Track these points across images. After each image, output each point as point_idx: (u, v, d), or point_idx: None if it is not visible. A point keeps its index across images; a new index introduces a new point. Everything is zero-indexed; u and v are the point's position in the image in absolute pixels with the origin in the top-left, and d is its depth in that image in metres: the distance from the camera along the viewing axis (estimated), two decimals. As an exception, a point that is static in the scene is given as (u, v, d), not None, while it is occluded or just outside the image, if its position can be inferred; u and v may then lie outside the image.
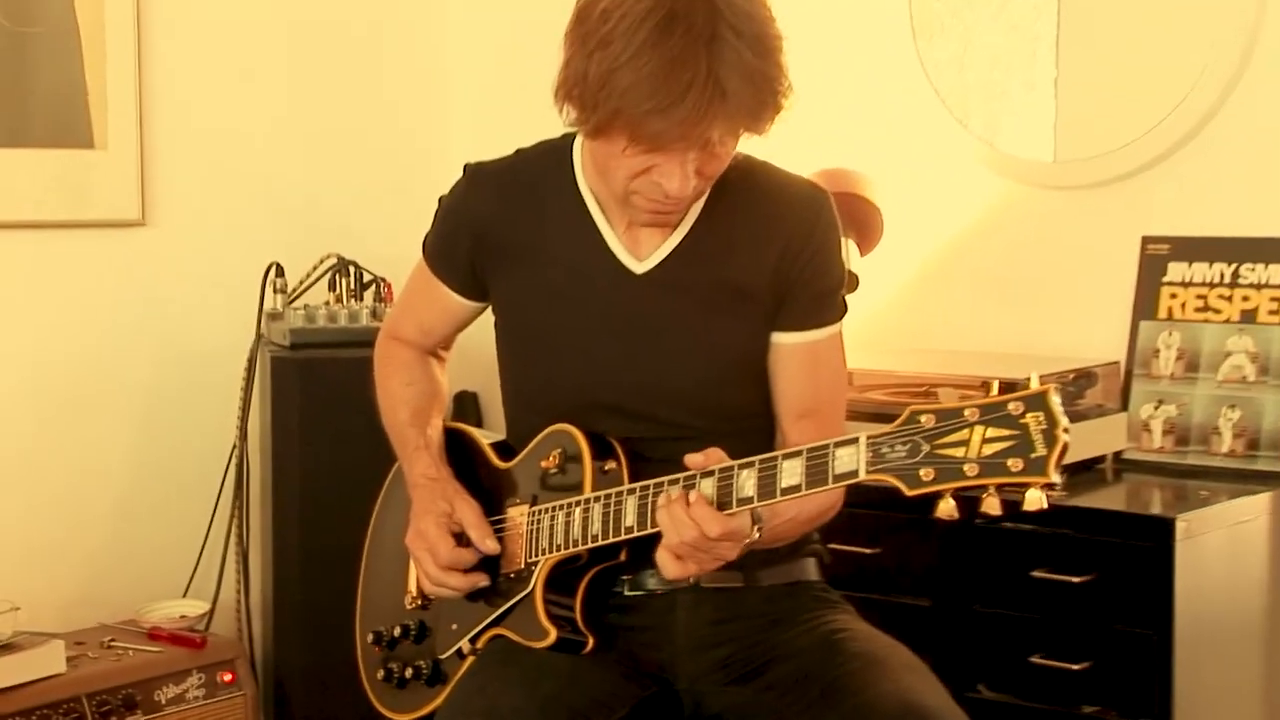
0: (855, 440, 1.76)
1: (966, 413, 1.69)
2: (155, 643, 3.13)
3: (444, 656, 2.19)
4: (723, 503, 1.86)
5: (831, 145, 3.24)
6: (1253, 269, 2.92)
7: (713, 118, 1.90)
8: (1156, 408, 2.97)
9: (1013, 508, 1.69)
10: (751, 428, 2.17)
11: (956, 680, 2.64)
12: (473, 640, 2.15)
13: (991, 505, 1.69)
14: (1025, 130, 3.20)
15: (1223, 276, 2.95)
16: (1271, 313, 2.89)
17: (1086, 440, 2.84)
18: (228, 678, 3.12)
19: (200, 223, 3.46)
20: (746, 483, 1.85)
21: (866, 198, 3.11)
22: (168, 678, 3.03)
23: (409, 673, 2.23)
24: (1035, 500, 1.66)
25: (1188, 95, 2.94)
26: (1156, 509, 2.75)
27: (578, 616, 2.07)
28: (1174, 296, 2.99)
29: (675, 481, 1.91)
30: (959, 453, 1.69)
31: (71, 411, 3.29)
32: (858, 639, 2.10)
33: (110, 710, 2.92)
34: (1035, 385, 1.67)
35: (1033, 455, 1.65)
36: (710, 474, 1.88)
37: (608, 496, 2.00)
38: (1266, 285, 2.90)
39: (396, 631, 2.26)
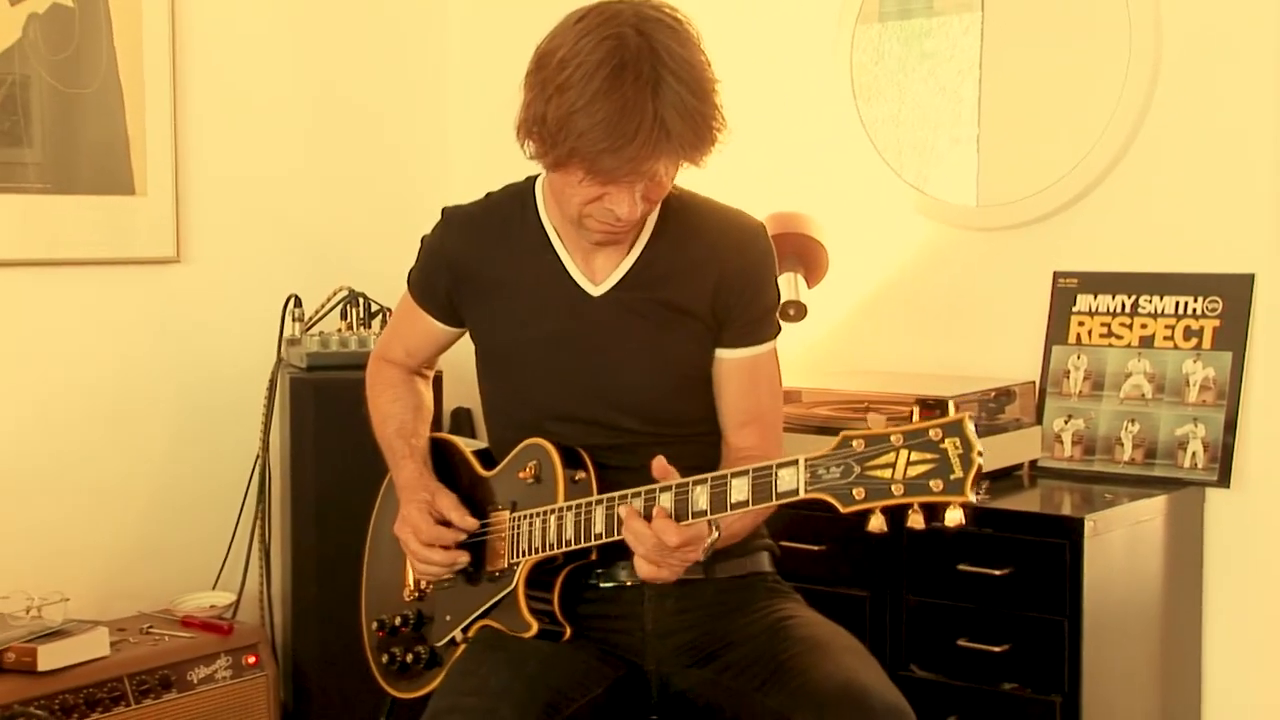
0: (795, 462, 1.76)
1: (893, 438, 1.69)
2: (188, 629, 3.10)
3: (440, 644, 2.19)
4: (679, 514, 1.87)
5: (784, 191, 3.24)
6: (1150, 300, 2.92)
7: (659, 154, 1.91)
8: (1067, 422, 2.98)
9: (932, 521, 1.69)
10: (698, 433, 2.17)
11: (892, 661, 2.67)
12: (464, 630, 2.15)
13: (916, 521, 1.69)
14: (951, 179, 3.20)
15: (1124, 307, 2.95)
16: (1166, 339, 2.90)
17: (1006, 450, 2.86)
18: (251, 660, 3.09)
19: (228, 260, 3.44)
20: (700, 497, 1.86)
21: (814, 237, 3.10)
22: (199, 660, 3.01)
23: (410, 658, 2.23)
24: (954, 518, 1.67)
25: (1092, 149, 2.95)
26: (1067, 510, 2.74)
27: (556, 609, 2.08)
28: (1082, 324, 3.00)
29: (638, 494, 1.92)
30: (886, 474, 1.69)
31: (115, 425, 3.27)
32: (803, 625, 2.10)
33: (149, 689, 2.90)
34: (953, 413, 1.68)
35: (952, 477, 1.65)
36: (668, 489, 1.88)
37: (578, 506, 2.00)
38: (1161, 315, 2.90)
39: (397, 621, 2.26)
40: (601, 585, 2.13)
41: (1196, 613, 2.88)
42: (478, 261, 2.18)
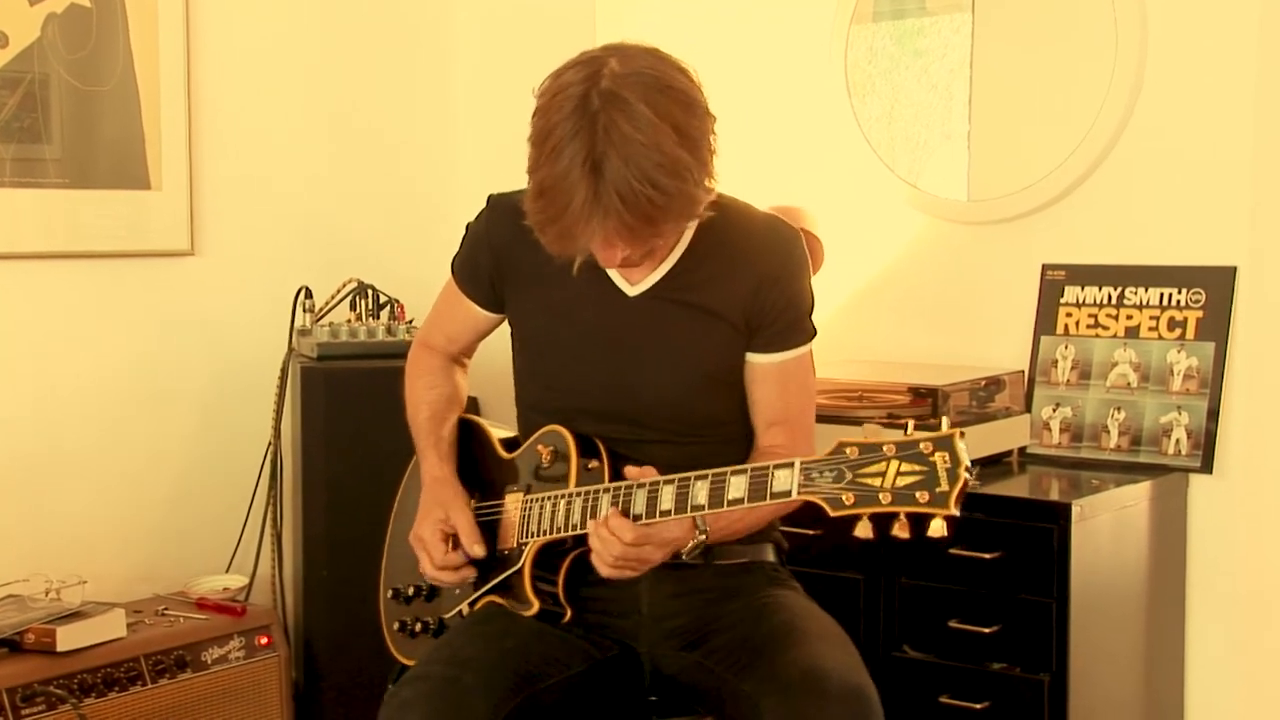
0: (791, 464, 1.75)
1: (885, 448, 1.68)
2: (202, 611, 3.08)
3: (448, 616, 2.19)
4: (679, 508, 1.86)
5: (781, 186, 3.25)
6: (1135, 292, 2.93)
7: (592, 231, 1.85)
8: (1055, 410, 2.99)
9: (919, 532, 1.67)
10: (721, 435, 2.14)
11: (885, 642, 2.68)
12: (471, 605, 2.14)
13: (901, 532, 1.67)
14: (943, 174, 3.20)
15: (1110, 298, 2.96)
16: (1151, 329, 2.91)
17: (996, 437, 2.87)
18: (264, 641, 3.08)
19: (241, 252, 3.43)
20: (699, 492, 1.84)
21: (810, 230, 3.09)
22: (213, 641, 2.99)
23: (419, 627, 2.23)
24: (937, 528, 1.65)
25: (1079, 146, 2.97)
26: (1055, 496, 2.74)
27: (559, 591, 2.07)
28: (1069, 315, 3.01)
29: (642, 486, 1.90)
30: (876, 482, 1.67)
31: (131, 413, 3.26)
32: (782, 610, 2.06)
33: (164, 669, 2.89)
34: (945, 428, 1.66)
35: (938, 490, 1.64)
36: (671, 482, 1.87)
37: (587, 493, 1.99)
38: (1146, 306, 2.92)
39: (411, 591, 2.26)
40: None
41: (1180, 594, 2.88)
42: (519, 248, 2.10)
